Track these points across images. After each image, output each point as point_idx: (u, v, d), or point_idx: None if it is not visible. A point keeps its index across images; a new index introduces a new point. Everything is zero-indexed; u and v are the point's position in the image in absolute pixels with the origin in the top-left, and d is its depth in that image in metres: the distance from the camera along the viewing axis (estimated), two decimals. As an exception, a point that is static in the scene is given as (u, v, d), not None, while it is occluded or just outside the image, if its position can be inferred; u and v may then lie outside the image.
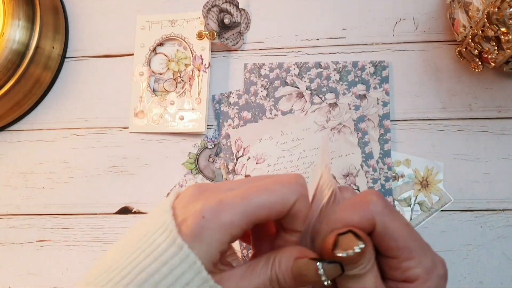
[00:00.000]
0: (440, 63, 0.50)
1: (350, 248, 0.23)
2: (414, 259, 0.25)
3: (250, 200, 0.24)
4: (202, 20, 0.53)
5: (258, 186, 0.25)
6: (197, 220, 0.24)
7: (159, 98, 0.52)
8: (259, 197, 0.24)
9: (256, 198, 0.24)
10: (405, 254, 0.25)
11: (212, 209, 0.24)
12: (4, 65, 0.49)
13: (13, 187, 0.54)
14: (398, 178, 0.48)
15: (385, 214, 0.25)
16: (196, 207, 0.24)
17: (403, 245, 0.25)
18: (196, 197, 0.26)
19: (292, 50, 0.53)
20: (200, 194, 0.26)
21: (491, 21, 0.40)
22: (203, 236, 0.24)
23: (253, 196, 0.24)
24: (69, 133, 0.54)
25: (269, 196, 0.24)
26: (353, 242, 0.23)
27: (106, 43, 0.56)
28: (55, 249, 0.51)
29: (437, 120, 0.49)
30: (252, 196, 0.24)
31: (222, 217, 0.24)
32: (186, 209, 0.25)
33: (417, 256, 0.25)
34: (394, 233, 0.25)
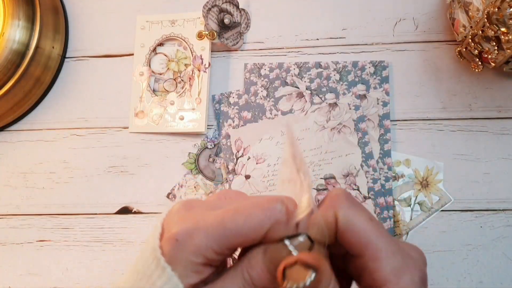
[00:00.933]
0: (440, 63, 0.50)
1: (301, 279, 0.22)
2: (381, 259, 0.23)
3: (225, 224, 0.23)
4: (202, 20, 0.53)
5: (236, 210, 0.24)
6: (171, 242, 0.24)
7: (159, 98, 0.52)
8: (233, 222, 0.23)
9: (230, 223, 0.23)
10: (370, 252, 0.23)
11: (187, 232, 0.24)
12: (4, 65, 0.49)
13: (13, 187, 0.54)
14: (398, 178, 0.48)
15: (348, 208, 0.24)
16: (173, 228, 0.24)
17: (366, 240, 0.23)
18: (180, 216, 0.25)
19: (292, 50, 0.53)
20: (185, 213, 0.25)
21: (491, 21, 0.40)
22: (177, 258, 0.23)
23: (228, 220, 0.23)
24: (69, 133, 0.54)
25: (244, 222, 0.23)
26: (302, 273, 0.22)
27: (106, 43, 0.56)
28: (55, 249, 0.51)
29: (437, 120, 0.49)
30: (227, 220, 0.23)
31: (195, 240, 0.23)
32: (167, 231, 0.25)
33: (384, 255, 0.23)
34: (357, 226, 0.23)
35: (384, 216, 0.47)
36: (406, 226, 0.47)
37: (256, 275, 0.24)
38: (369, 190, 0.48)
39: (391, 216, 0.47)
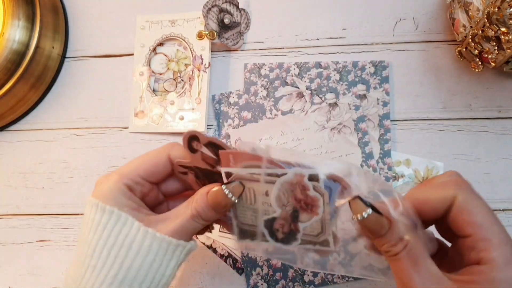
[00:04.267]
0: (440, 63, 0.50)
1: (359, 212, 0.27)
2: (492, 241, 0.25)
3: (132, 162, 0.35)
4: (202, 20, 0.53)
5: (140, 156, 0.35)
6: (98, 187, 0.34)
7: (159, 98, 0.52)
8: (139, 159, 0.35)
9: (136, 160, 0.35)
10: (482, 233, 0.25)
11: (104, 177, 0.34)
12: (4, 65, 0.49)
13: (13, 187, 0.54)
14: (398, 178, 0.48)
15: (466, 191, 0.27)
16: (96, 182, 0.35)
17: (481, 221, 0.26)
18: None
19: (292, 50, 0.53)
20: None
21: (491, 21, 0.40)
22: (102, 191, 0.33)
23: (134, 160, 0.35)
24: (69, 133, 0.54)
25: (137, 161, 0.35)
26: (361, 207, 0.27)
27: (106, 43, 0.56)
28: (55, 249, 0.51)
29: (437, 120, 0.49)
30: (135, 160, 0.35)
31: (110, 176, 0.34)
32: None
33: (496, 240, 0.25)
34: (474, 208, 0.26)
35: (384, 216, 0.47)
36: (406, 226, 0.47)
37: (201, 209, 0.32)
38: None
39: (391, 216, 0.47)
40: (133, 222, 0.32)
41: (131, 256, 0.31)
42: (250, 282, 0.47)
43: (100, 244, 0.31)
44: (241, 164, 0.32)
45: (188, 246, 0.33)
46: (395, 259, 0.27)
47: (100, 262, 0.31)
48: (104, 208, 0.32)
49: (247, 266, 0.47)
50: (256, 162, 0.31)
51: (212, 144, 0.33)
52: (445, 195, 0.27)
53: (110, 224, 0.32)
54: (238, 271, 0.48)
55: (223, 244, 0.49)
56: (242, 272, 0.48)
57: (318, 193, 0.30)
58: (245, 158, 0.32)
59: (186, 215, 0.33)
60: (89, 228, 0.32)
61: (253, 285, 0.47)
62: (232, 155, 0.32)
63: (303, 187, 0.30)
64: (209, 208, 0.32)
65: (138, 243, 0.31)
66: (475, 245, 0.26)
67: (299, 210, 0.32)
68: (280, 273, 0.47)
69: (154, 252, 0.32)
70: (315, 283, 0.46)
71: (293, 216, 0.32)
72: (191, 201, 0.33)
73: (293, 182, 0.31)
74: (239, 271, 0.48)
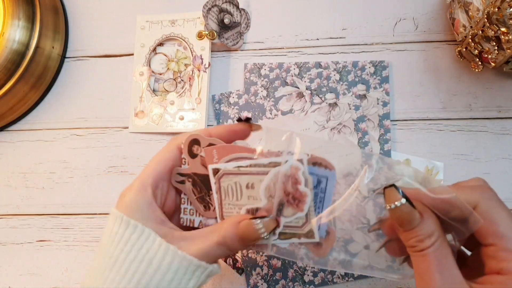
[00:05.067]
0: (440, 63, 0.50)
1: (392, 201, 0.27)
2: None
3: (149, 165, 0.34)
4: (202, 20, 0.53)
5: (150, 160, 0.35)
6: (122, 199, 0.33)
7: (159, 98, 0.52)
8: (152, 161, 0.35)
9: (150, 163, 0.34)
10: (504, 243, 0.25)
11: (127, 188, 0.34)
12: (4, 65, 0.49)
13: (13, 187, 0.54)
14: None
15: (490, 199, 0.27)
16: (121, 195, 0.34)
17: (504, 231, 0.26)
18: None
19: (292, 50, 0.53)
20: None
21: (491, 21, 0.40)
22: (127, 204, 0.32)
23: (149, 163, 0.35)
24: (69, 133, 0.54)
25: (157, 160, 0.35)
26: (395, 195, 0.27)
27: (106, 43, 0.56)
28: (55, 249, 0.51)
29: (437, 120, 0.49)
30: (149, 163, 0.35)
31: (132, 186, 0.33)
32: None
33: None
34: (497, 218, 0.26)
35: (384, 216, 0.47)
36: (406, 226, 0.47)
37: (229, 239, 0.31)
38: (369, 190, 0.48)
39: (391, 216, 0.47)
40: (155, 237, 0.31)
41: (150, 272, 0.31)
42: (250, 282, 0.47)
43: (121, 257, 0.31)
44: (224, 159, 0.32)
45: (210, 268, 0.32)
46: (420, 255, 0.27)
47: (119, 276, 0.30)
48: (129, 222, 0.31)
49: (247, 266, 0.47)
50: (240, 154, 0.31)
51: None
52: (468, 198, 0.27)
53: (132, 238, 0.31)
54: (238, 271, 0.48)
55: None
56: (242, 272, 0.48)
57: (308, 188, 0.30)
58: (227, 152, 0.32)
59: (212, 240, 0.32)
60: (111, 240, 0.32)
61: (253, 285, 0.47)
62: (216, 150, 0.32)
63: (296, 181, 0.30)
64: (237, 238, 0.31)
65: (159, 260, 0.31)
66: (496, 255, 0.26)
67: (285, 203, 0.31)
68: (280, 273, 0.47)
69: (174, 270, 0.31)
70: (315, 283, 0.46)
71: (278, 209, 0.32)
72: (219, 227, 0.32)
73: (287, 174, 0.31)
74: (239, 271, 0.48)
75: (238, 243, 0.32)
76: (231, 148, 0.32)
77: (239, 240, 0.31)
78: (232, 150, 0.32)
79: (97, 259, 0.32)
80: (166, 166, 0.34)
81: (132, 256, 0.31)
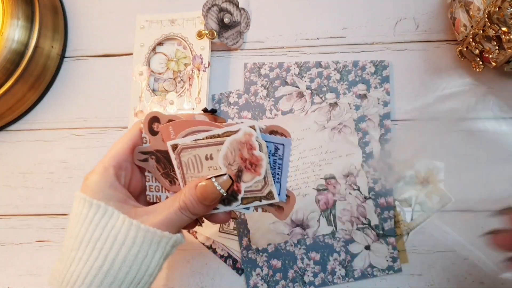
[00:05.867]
0: (440, 63, 0.50)
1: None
2: None
3: (112, 147, 0.36)
4: (201, 19, 0.52)
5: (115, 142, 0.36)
6: (85, 182, 0.34)
7: (159, 98, 0.52)
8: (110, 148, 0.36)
9: (114, 146, 0.36)
10: None
11: (90, 172, 0.35)
12: (3, 64, 0.49)
13: (12, 187, 0.53)
14: (398, 178, 0.48)
15: None
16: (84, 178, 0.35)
17: None
18: None
19: (292, 49, 0.52)
20: None
21: (492, 20, 0.40)
22: (90, 186, 0.34)
23: (113, 146, 0.36)
24: (68, 133, 0.54)
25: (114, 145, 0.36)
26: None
27: (105, 42, 0.55)
28: (55, 249, 0.51)
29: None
30: (113, 146, 0.36)
31: (95, 169, 0.34)
32: None
33: None
34: None
35: (384, 216, 0.47)
36: (407, 227, 0.47)
37: (189, 202, 0.33)
38: (370, 190, 0.47)
39: (392, 217, 0.47)
40: (118, 214, 0.33)
41: (116, 248, 0.32)
42: (250, 282, 0.47)
43: (86, 237, 0.32)
44: (180, 134, 0.33)
45: (174, 238, 0.34)
46: None
47: (86, 254, 0.32)
48: (91, 202, 0.33)
49: (247, 266, 0.47)
50: (194, 128, 0.33)
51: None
52: None
53: (96, 217, 0.32)
54: (238, 272, 0.48)
55: (223, 244, 0.49)
56: (242, 272, 0.48)
57: (262, 152, 0.32)
58: (183, 127, 0.33)
59: (173, 207, 0.33)
60: (76, 222, 0.33)
61: (253, 285, 0.47)
62: (171, 126, 0.34)
63: (250, 146, 0.32)
64: (197, 201, 0.33)
65: (123, 235, 0.32)
66: None
67: (243, 169, 0.33)
68: (280, 273, 0.47)
69: (138, 244, 0.32)
70: (315, 284, 0.46)
71: (237, 175, 0.33)
72: (179, 194, 0.34)
73: (242, 141, 0.32)
74: (239, 271, 0.48)
75: (199, 205, 0.33)
76: (187, 122, 0.33)
77: (199, 201, 0.33)
78: (188, 124, 0.33)
79: (65, 242, 0.33)
80: (127, 146, 0.36)
81: (97, 234, 0.32)
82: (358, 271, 0.46)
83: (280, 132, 0.33)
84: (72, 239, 0.33)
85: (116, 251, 0.32)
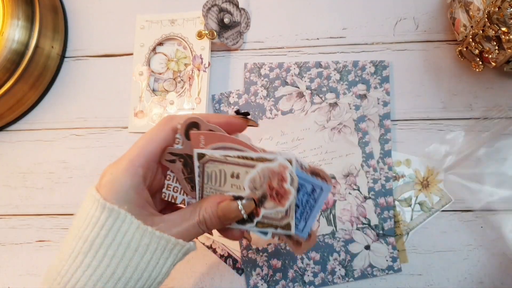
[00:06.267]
0: (440, 63, 0.50)
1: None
2: None
3: (138, 144, 0.33)
4: (201, 19, 0.52)
5: (141, 136, 0.34)
6: (105, 177, 0.32)
7: (159, 98, 0.52)
8: (142, 139, 0.33)
9: (140, 141, 0.33)
10: None
11: (115, 165, 0.32)
12: (3, 64, 0.49)
13: (12, 187, 0.53)
14: (398, 178, 0.48)
15: None
16: (105, 172, 0.32)
17: None
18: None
19: (292, 49, 0.52)
20: None
21: (491, 20, 0.40)
22: (115, 187, 0.31)
23: (138, 141, 0.33)
24: (68, 133, 0.54)
25: (146, 135, 0.33)
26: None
27: (105, 42, 0.55)
28: (55, 249, 0.51)
29: (437, 120, 0.49)
30: (138, 142, 0.33)
31: (120, 165, 0.32)
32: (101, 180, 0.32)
33: None
34: None
35: (384, 216, 0.47)
36: (407, 227, 0.47)
37: (209, 218, 0.33)
38: (370, 190, 0.47)
39: (392, 217, 0.47)
40: (132, 220, 0.31)
41: (128, 255, 0.31)
42: (250, 282, 0.47)
43: (97, 242, 0.30)
44: (211, 146, 0.33)
45: (187, 246, 0.33)
46: None
47: (96, 261, 0.30)
48: (104, 205, 0.31)
49: (247, 266, 0.47)
50: (227, 144, 0.32)
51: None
52: None
53: (109, 222, 0.31)
54: (238, 271, 0.48)
55: (223, 244, 0.49)
56: (242, 272, 0.48)
57: (292, 187, 0.31)
58: (216, 140, 0.33)
59: (192, 220, 0.33)
60: (86, 223, 0.31)
61: (253, 285, 0.47)
62: (203, 136, 0.33)
63: (282, 178, 0.32)
64: (217, 218, 0.32)
65: (136, 242, 0.31)
66: None
67: (267, 197, 0.33)
68: (280, 273, 0.47)
69: (152, 251, 0.31)
70: (315, 284, 0.46)
71: (260, 201, 0.33)
72: (198, 207, 0.33)
73: (275, 170, 0.32)
74: (239, 271, 0.48)
75: (217, 222, 0.33)
76: (221, 137, 0.33)
77: (218, 220, 0.32)
78: (222, 139, 0.33)
79: (70, 241, 0.31)
80: (160, 147, 0.33)
81: (109, 240, 0.30)
82: (358, 271, 0.46)
83: (322, 175, 0.33)
84: (81, 241, 0.31)
85: (128, 259, 0.31)
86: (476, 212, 0.47)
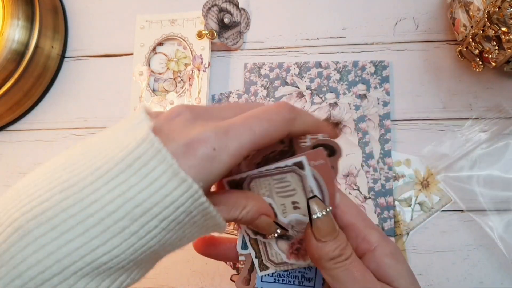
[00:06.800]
0: (440, 63, 0.50)
1: (318, 212, 0.26)
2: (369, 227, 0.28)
3: (254, 130, 0.24)
4: (201, 19, 0.52)
5: (257, 116, 0.25)
6: (207, 151, 0.22)
7: (159, 98, 0.52)
8: (262, 127, 0.24)
9: (259, 128, 0.24)
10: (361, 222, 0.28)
11: (222, 140, 0.23)
12: (3, 64, 0.49)
13: (12, 187, 0.53)
14: (398, 178, 0.48)
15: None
16: (200, 134, 0.23)
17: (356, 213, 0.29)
18: (192, 121, 0.24)
19: (292, 49, 0.52)
20: (195, 119, 0.24)
21: (491, 20, 0.40)
22: (211, 168, 0.23)
23: (256, 126, 0.24)
24: (68, 133, 0.54)
25: (269, 126, 0.24)
26: (320, 205, 0.26)
27: (105, 42, 0.55)
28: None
29: (437, 120, 0.49)
30: (255, 126, 0.24)
31: (231, 148, 0.23)
32: (182, 134, 0.23)
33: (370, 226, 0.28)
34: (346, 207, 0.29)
35: (384, 216, 0.47)
36: (407, 227, 0.47)
37: (245, 222, 0.28)
38: (370, 190, 0.47)
39: (392, 217, 0.47)
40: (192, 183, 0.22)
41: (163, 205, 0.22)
42: (250, 282, 0.47)
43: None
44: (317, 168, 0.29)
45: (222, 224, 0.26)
46: (346, 264, 0.26)
47: None
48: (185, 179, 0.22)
49: (247, 266, 0.47)
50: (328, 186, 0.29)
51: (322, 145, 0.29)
52: None
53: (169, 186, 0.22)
54: (238, 272, 0.48)
55: (223, 244, 0.49)
56: (242, 272, 0.48)
57: None
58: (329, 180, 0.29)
59: (234, 215, 0.27)
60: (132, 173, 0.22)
61: (253, 285, 0.47)
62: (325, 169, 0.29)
63: None
64: (249, 223, 0.28)
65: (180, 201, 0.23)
66: (359, 233, 0.28)
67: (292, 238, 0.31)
68: (280, 273, 0.47)
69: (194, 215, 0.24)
70: (315, 284, 0.46)
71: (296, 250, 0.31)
72: (243, 205, 0.27)
73: None
74: (239, 271, 0.48)
75: (247, 222, 0.28)
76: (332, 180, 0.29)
77: (251, 224, 0.28)
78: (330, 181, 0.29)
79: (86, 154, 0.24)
80: (265, 142, 0.25)
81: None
82: (358, 271, 0.46)
83: None
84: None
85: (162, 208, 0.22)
86: (476, 212, 0.47)
